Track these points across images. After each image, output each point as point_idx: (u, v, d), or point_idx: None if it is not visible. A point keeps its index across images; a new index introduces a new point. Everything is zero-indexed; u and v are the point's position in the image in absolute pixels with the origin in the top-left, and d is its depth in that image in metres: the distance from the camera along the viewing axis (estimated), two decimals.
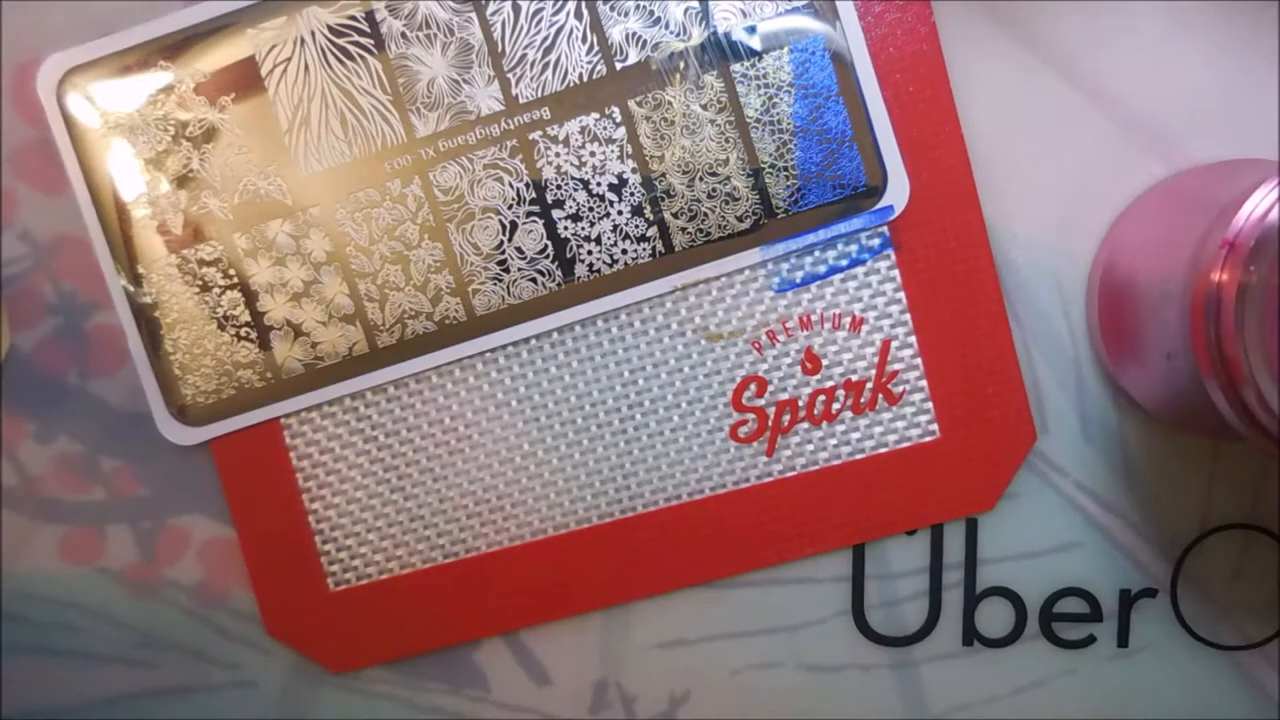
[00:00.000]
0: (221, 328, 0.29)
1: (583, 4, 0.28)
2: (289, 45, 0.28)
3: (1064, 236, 0.29)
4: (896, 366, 0.29)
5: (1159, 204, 0.27)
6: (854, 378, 0.29)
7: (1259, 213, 0.20)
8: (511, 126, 0.28)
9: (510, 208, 0.28)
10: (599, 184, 0.28)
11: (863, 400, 0.29)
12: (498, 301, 0.29)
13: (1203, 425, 0.26)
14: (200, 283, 0.29)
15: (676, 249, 0.28)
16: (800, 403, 0.29)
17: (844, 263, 0.29)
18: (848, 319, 0.29)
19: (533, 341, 0.29)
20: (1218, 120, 0.28)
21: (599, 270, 0.29)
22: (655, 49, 0.28)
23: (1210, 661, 0.30)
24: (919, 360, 0.29)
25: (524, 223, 0.28)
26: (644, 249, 0.28)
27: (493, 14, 0.28)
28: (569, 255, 0.29)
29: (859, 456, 0.29)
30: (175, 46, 0.28)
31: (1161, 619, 0.30)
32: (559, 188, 0.28)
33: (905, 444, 0.29)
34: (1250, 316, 0.20)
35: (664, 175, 0.28)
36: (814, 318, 0.29)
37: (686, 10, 0.28)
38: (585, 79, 0.28)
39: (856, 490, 0.29)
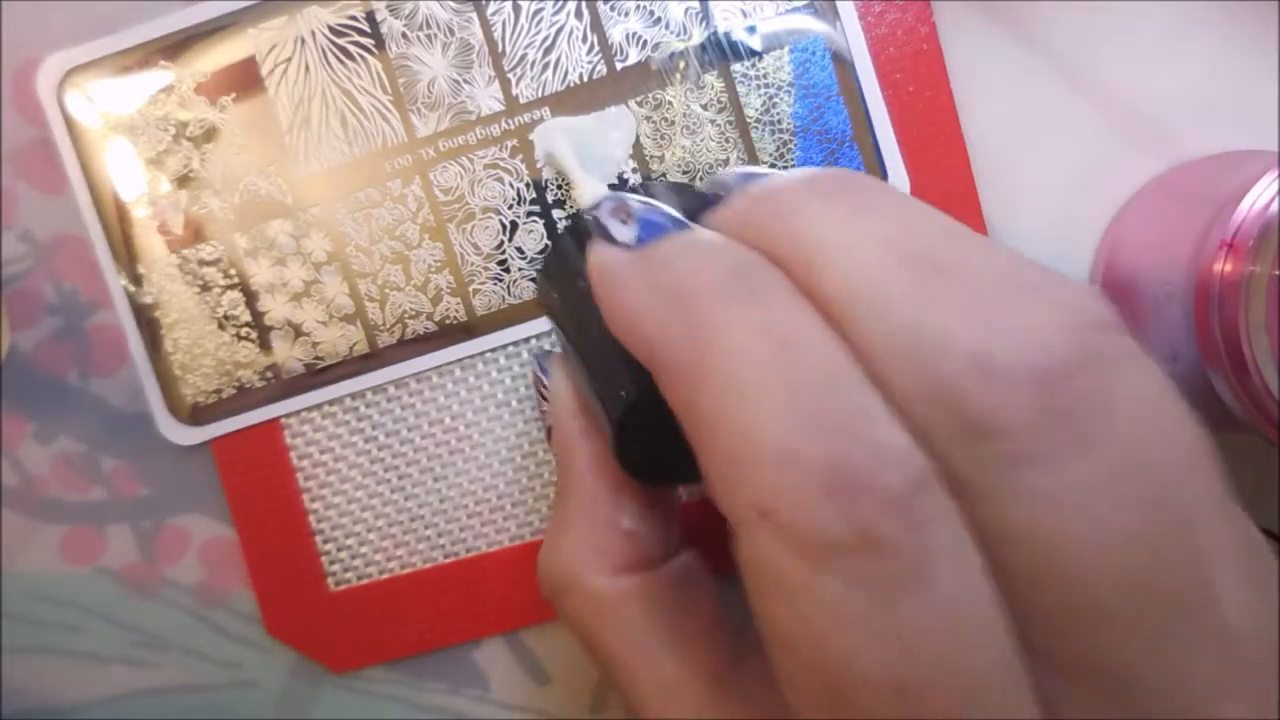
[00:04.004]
0: (222, 328, 0.29)
1: (583, 4, 0.28)
2: (289, 45, 0.28)
3: (1064, 236, 0.29)
4: None
5: (1157, 200, 0.27)
6: None
7: (1260, 205, 0.21)
8: (512, 126, 0.28)
9: (510, 207, 0.28)
10: None
11: None
12: (498, 301, 0.29)
13: (1205, 425, 0.26)
14: (201, 283, 0.29)
15: None
16: None
17: None
18: None
19: (533, 341, 0.29)
20: (1216, 118, 0.28)
21: None
22: (655, 49, 0.28)
23: None
24: None
25: (524, 222, 0.28)
26: None
27: (493, 14, 0.28)
28: None
29: None
30: (175, 46, 0.28)
31: None
32: (559, 187, 0.28)
33: None
34: (1254, 307, 0.21)
35: (664, 175, 0.28)
36: None
37: (687, 10, 0.28)
38: (585, 79, 0.28)
39: None
